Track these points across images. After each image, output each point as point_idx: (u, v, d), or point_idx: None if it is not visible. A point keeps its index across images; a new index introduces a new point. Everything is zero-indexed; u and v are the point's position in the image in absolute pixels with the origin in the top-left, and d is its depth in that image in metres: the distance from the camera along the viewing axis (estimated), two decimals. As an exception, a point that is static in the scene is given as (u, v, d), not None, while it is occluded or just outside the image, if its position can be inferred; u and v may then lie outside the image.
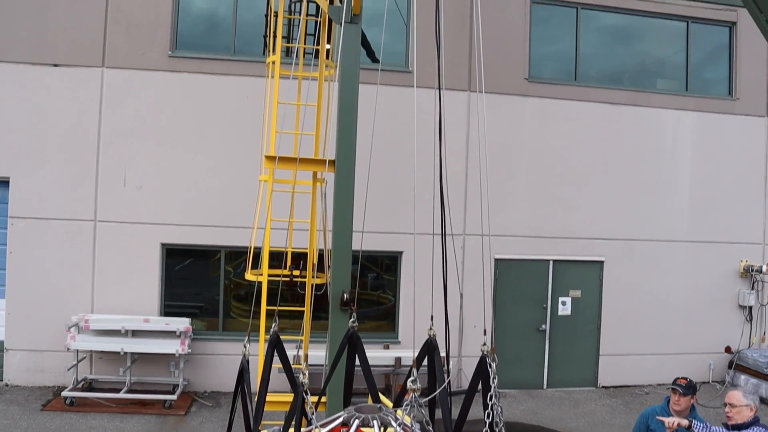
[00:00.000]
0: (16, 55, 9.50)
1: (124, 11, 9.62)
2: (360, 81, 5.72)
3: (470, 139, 10.20)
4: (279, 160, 6.11)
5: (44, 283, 9.43)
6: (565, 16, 10.93)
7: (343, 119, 5.86)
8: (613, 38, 11.32)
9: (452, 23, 10.02)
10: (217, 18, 10.08)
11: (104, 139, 9.58)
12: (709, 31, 11.67)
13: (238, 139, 9.63)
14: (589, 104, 10.79)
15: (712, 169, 11.36)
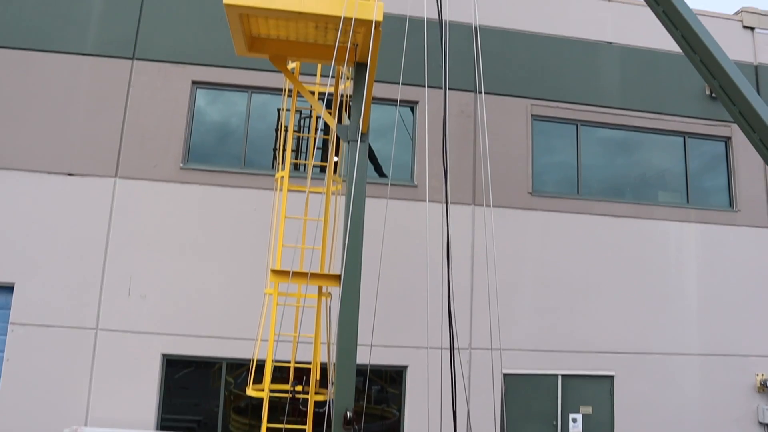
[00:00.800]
0: (33, 164, 9.77)
1: (141, 124, 10.00)
2: (366, 195, 5.81)
3: (475, 252, 10.25)
4: (285, 274, 6.12)
5: (39, 392, 9.19)
6: (566, 132, 11.31)
7: (350, 234, 5.91)
8: (613, 151, 11.64)
9: (456, 140, 10.38)
10: (228, 129, 10.44)
11: (112, 247, 9.67)
12: (706, 144, 12.00)
13: (245, 251, 9.70)
14: (593, 217, 10.92)
15: (719, 280, 11.31)
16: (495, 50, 11.13)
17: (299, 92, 7.00)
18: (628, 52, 11.72)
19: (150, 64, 10.16)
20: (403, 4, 9.50)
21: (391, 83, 10.07)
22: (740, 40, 12.50)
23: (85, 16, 10.31)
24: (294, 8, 5.99)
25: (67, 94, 9.98)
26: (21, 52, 10.08)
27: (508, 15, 11.38)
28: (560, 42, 11.49)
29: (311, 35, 6.72)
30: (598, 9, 11.81)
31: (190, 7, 10.44)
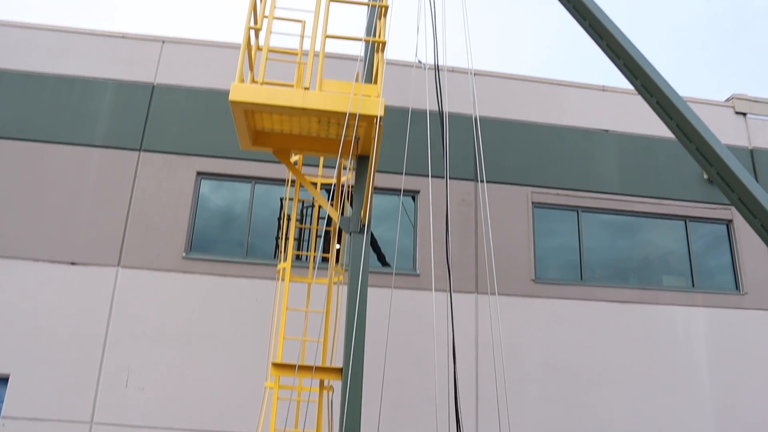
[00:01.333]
0: (36, 253, 9.79)
1: (145, 213, 10.09)
2: (369, 284, 5.77)
3: (480, 341, 10.08)
4: (287, 368, 6.00)
5: (29, 495, 8.80)
6: (567, 218, 11.37)
7: (352, 326, 5.83)
8: (615, 236, 11.65)
9: (458, 228, 10.43)
10: (232, 219, 10.52)
11: (111, 338, 9.53)
12: (708, 227, 12.02)
13: (246, 343, 9.55)
14: (598, 303, 10.80)
15: (732, 366, 11.03)
16: (494, 140, 11.38)
17: (302, 183, 7.10)
18: (624, 139, 11.96)
19: (156, 155, 10.37)
20: (405, 96, 9.81)
21: (393, 173, 10.24)
22: (733, 126, 12.77)
23: (96, 110, 10.62)
24: (298, 104, 6.17)
25: (74, 185, 10.14)
26: (32, 143, 10.32)
27: (506, 106, 11.71)
28: (558, 131, 11.76)
29: (314, 129, 6.89)
30: (594, 98, 12.16)
31: (197, 100, 10.77)
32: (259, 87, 6.19)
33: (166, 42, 11.07)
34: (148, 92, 10.73)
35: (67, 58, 10.90)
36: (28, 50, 10.89)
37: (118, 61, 10.92)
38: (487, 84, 11.79)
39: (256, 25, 6.45)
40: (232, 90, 6.18)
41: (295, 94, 6.15)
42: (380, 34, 6.38)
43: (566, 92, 12.11)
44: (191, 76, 10.91)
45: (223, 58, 11.01)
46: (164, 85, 10.80)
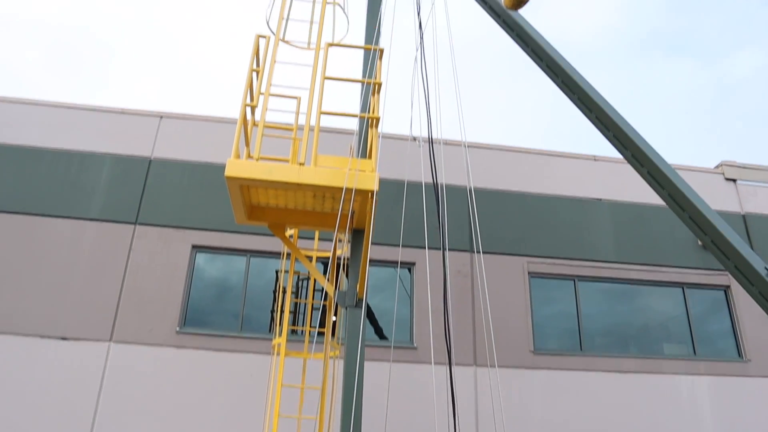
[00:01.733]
0: (27, 328, 9.62)
1: (139, 288, 9.99)
2: (366, 358, 5.65)
3: (480, 414, 9.82)
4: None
5: None
6: (564, 287, 11.31)
7: (350, 402, 5.68)
8: (614, 304, 11.56)
9: (455, 300, 10.35)
10: (226, 292, 10.42)
11: (101, 415, 9.24)
12: (706, 294, 11.95)
13: (239, 419, 9.28)
14: (598, 374, 10.60)
15: (738, 438, 10.73)
16: (489, 211, 11.45)
17: (297, 257, 7.06)
18: (618, 207, 12.06)
19: (151, 228, 10.37)
20: (399, 168, 9.93)
21: (388, 245, 10.23)
22: (724, 192, 12.91)
23: (92, 183, 10.68)
24: (293, 180, 6.20)
25: (68, 259, 10.08)
26: (27, 217, 10.32)
27: (500, 177, 11.85)
28: (551, 200, 11.86)
29: (309, 203, 6.92)
30: (586, 168, 12.33)
31: (193, 174, 10.86)
32: (255, 163, 6.25)
33: (164, 117, 11.27)
34: (145, 166, 10.84)
35: (66, 133, 11.06)
36: (27, 125, 11.06)
37: (116, 135, 11.08)
38: (480, 156, 11.97)
39: (252, 102, 6.57)
40: (228, 166, 6.23)
41: (291, 170, 6.20)
42: (374, 109, 6.50)
43: (558, 162, 12.29)
44: (188, 150, 11.05)
45: (219, 133, 11.18)
46: (161, 159, 10.92)
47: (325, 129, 11.11)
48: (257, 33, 6.52)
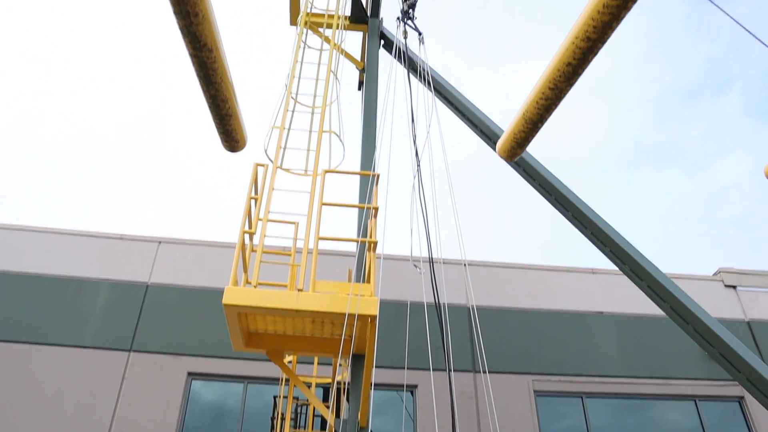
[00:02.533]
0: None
1: (131, 418, 9.59)
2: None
3: None
4: None
5: None
6: (572, 405, 10.91)
7: None
8: (625, 419, 11.10)
9: (461, 422, 9.97)
10: (222, 419, 10.00)
11: None
12: (719, 406, 11.53)
13: None
14: (616, 498, 10.00)
15: None
16: (491, 329, 11.26)
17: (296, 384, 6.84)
18: (621, 320, 11.89)
19: (146, 355, 10.13)
20: (398, 289, 9.85)
21: (389, 368, 9.94)
22: (726, 299, 12.80)
23: (88, 310, 10.55)
24: (292, 306, 6.14)
25: (59, 388, 9.74)
26: (18, 345, 10.09)
27: (500, 294, 11.77)
28: (553, 316, 11.71)
29: (308, 329, 6.80)
30: (585, 281, 12.29)
31: (190, 299, 10.76)
32: (253, 290, 6.20)
33: (163, 242, 11.34)
34: (141, 292, 10.76)
35: (64, 258, 11.08)
36: (26, 252, 11.09)
37: (114, 261, 11.09)
38: (480, 273, 11.95)
39: (250, 230, 6.63)
40: (225, 293, 6.18)
41: (289, 296, 6.15)
42: (372, 233, 6.55)
43: (558, 277, 12.25)
44: (185, 275, 11.02)
45: (217, 258, 11.20)
46: (158, 285, 10.86)
47: (324, 252, 11.13)
48: (255, 162, 6.70)
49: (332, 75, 7.83)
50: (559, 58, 4.12)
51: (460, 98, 8.23)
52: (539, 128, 4.45)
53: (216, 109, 4.29)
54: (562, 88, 4.16)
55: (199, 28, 3.76)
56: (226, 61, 4.13)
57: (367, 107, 8.50)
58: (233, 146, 4.67)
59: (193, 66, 3.97)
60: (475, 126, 8.06)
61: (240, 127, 4.59)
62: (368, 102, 8.54)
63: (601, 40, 3.81)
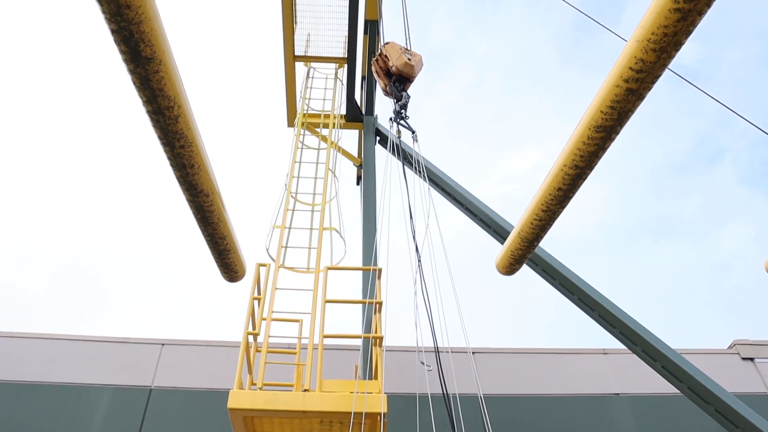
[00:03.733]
0: None
1: None
2: None
3: None
4: None
5: None
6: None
7: None
8: None
9: None
10: None
11: None
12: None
13: None
14: None
15: None
16: (505, 417, 10.90)
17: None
18: (637, 400, 11.51)
19: (150, 465, 9.76)
20: (406, 381, 9.64)
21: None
22: (744, 373, 12.47)
23: (89, 417, 10.27)
24: (298, 408, 6.02)
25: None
26: (16, 461, 9.76)
27: (511, 380, 11.47)
28: (567, 400, 11.36)
29: (316, 430, 6.61)
30: (598, 363, 12.00)
31: (194, 401, 10.49)
32: (258, 392, 6.10)
33: (166, 344, 11.19)
34: (145, 396, 10.50)
35: (66, 365, 10.89)
36: (26, 359, 10.92)
37: (116, 365, 10.90)
38: (489, 361, 11.70)
39: (254, 331, 6.57)
40: (230, 397, 6.07)
41: (295, 397, 6.03)
42: (377, 329, 6.48)
43: (568, 360, 11.99)
44: (189, 377, 10.81)
45: (221, 357, 11.02)
46: (162, 388, 10.62)
47: (329, 347, 10.93)
48: (257, 262, 6.72)
49: (330, 173, 7.99)
50: (549, 182, 4.27)
51: (456, 188, 8.36)
52: (535, 246, 4.58)
53: (214, 245, 4.43)
54: (554, 210, 4.30)
55: (196, 177, 3.93)
56: (222, 202, 4.29)
57: (366, 202, 8.62)
58: (232, 277, 4.80)
59: (191, 210, 4.13)
60: (474, 215, 8.15)
61: (238, 259, 4.73)
62: (367, 197, 8.67)
63: (588, 167, 3.95)
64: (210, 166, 3.97)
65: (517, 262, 4.64)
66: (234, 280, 4.64)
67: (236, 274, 4.64)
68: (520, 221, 4.44)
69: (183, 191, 3.90)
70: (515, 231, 4.55)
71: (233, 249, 4.44)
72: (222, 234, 4.26)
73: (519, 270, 4.80)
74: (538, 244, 4.42)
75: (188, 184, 3.84)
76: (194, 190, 3.91)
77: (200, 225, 4.12)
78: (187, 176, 3.79)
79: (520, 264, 4.68)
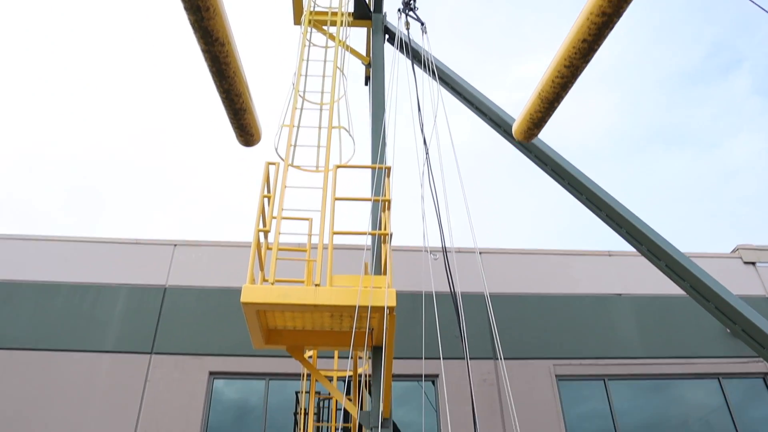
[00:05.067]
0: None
1: (156, 419, 9.68)
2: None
3: None
4: None
5: None
6: (595, 388, 10.87)
7: None
8: (649, 400, 11.04)
9: (482, 410, 9.97)
10: (245, 416, 10.07)
11: None
12: (744, 383, 11.43)
13: None
14: (643, 480, 9.96)
15: None
16: (510, 316, 11.24)
17: (317, 379, 6.88)
18: (640, 301, 11.81)
19: (168, 357, 10.21)
20: (415, 280, 9.87)
21: (410, 359, 9.98)
22: (746, 276, 12.68)
23: (108, 315, 10.66)
24: (310, 301, 6.17)
25: (83, 393, 9.86)
26: (42, 353, 10.22)
27: (517, 280, 11.73)
28: (571, 300, 11.65)
29: (327, 323, 6.83)
30: (602, 264, 12.21)
31: (208, 300, 10.84)
32: (270, 287, 6.24)
33: (178, 245, 11.42)
34: (160, 295, 10.85)
35: (81, 266, 11.19)
36: (45, 261, 11.21)
37: (130, 266, 11.18)
38: (496, 261, 11.92)
39: (265, 228, 6.66)
40: (243, 291, 6.22)
41: (306, 292, 6.18)
42: (386, 226, 6.56)
43: (574, 261, 12.19)
44: (202, 276, 11.10)
45: (233, 258, 11.26)
46: (176, 287, 10.94)
47: (339, 247, 11.14)
48: (267, 160, 6.72)
49: (339, 71, 7.83)
50: (573, 35, 4.06)
51: (465, 86, 8.20)
52: (555, 107, 4.39)
53: (230, 104, 4.27)
54: (577, 65, 4.11)
55: (211, 22, 3.75)
56: (238, 55, 4.12)
57: (375, 101, 8.50)
58: (248, 140, 4.66)
59: (206, 61, 3.96)
60: (483, 113, 8.03)
61: (254, 121, 4.58)
62: (376, 96, 8.53)
63: (617, 13, 3.74)
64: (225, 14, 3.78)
65: (536, 126, 4.52)
66: (250, 143, 4.58)
67: (252, 138, 4.57)
68: (541, 82, 4.31)
69: (198, 40, 3.75)
70: (535, 92, 4.42)
71: (249, 109, 4.35)
72: (238, 90, 4.16)
73: (537, 135, 4.69)
74: (559, 105, 4.28)
75: (203, 30, 3.70)
76: (209, 38, 3.78)
77: (216, 79, 4.01)
78: (202, 20, 3.65)
79: (539, 128, 4.56)
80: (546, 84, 4.28)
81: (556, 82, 4.23)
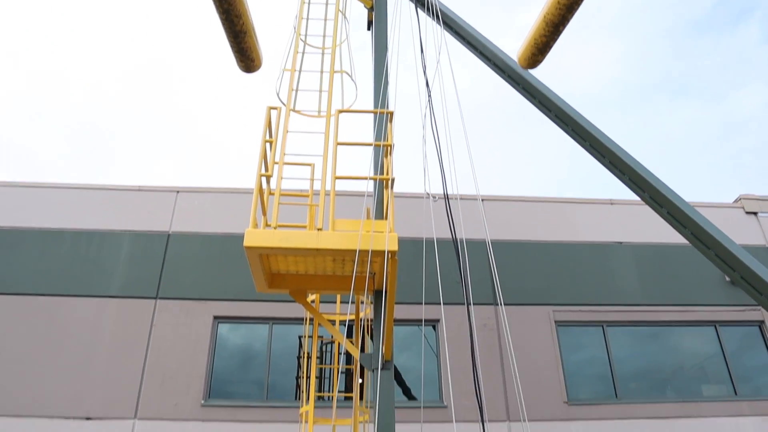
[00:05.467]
0: (50, 410, 9.53)
1: (162, 363, 9.92)
2: (396, 421, 5.50)
3: (518, 473, 9.48)
4: None
5: None
6: (593, 334, 11.06)
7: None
8: (646, 348, 11.25)
9: (482, 355, 10.15)
10: (250, 361, 10.30)
11: (128, 500, 9.04)
12: (740, 331, 11.61)
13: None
14: (636, 422, 10.21)
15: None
16: (511, 262, 11.33)
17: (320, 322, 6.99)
18: (640, 249, 11.89)
19: (172, 302, 10.37)
20: (417, 226, 9.90)
21: (411, 303, 10.12)
22: (747, 226, 12.72)
23: (112, 261, 10.77)
24: (312, 245, 6.20)
25: (90, 337, 10.07)
26: (49, 298, 10.37)
27: (518, 228, 11.78)
28: (572, 247, 11.73)
29: (329, 268, 6.89)
30: (603, 212, 12.24)
31: (212, 246, 10.92)
32: (273, 231, 6.26)
33: (181, 192, 11.44)
34: (163, 241, 10.93)
35: (85, 213, 11.24)
36: (48, 208, 11.26)
37: (134, 212, 11.23)
38: (497, 208, 11.94)
39: (267, 172, 6.64)
40: (246, 236, 6.24)
41: (309, 236, 6.20)
42: (387, 171, 6.55)
43: (575, 209, 12.22)
44: (205, 222, 11.16)
45: (235, 204, 11.29)
46: (179, 233, 11.02)
47: (341, 193, 11.16)
48: (268, 105, 6.65)
49: (340, 14, 7.68)
50: None
51: (469, 30, 8.04)
52: (561, 31, 4.20)
53: (230, 25, 4.15)
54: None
55: None
56: None
57: (377, 45, 8.35)
58: (249, 66, 4.55)
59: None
60: (487, 58, 7.90)
61: (255, 44, 4.46)
62: (378, 40, 8.38)
63: None
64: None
65: (540, 51, 4.40)
66: (250, 69, 4.50)
67: (252, 63, 4.50)
68: (546, 3, 4.16)
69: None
70: (540, 16, 4.28)
71: (249, 31, 4.27)
72: (238, 11, 4.06)
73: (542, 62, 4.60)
74: (564, 29, 4.14)
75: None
76: (211, -49, 3.70)
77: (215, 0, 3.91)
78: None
79: (544, 54, 4.45)
80: (551, 6, 4.09)
81: (562, 3, 4.04)
